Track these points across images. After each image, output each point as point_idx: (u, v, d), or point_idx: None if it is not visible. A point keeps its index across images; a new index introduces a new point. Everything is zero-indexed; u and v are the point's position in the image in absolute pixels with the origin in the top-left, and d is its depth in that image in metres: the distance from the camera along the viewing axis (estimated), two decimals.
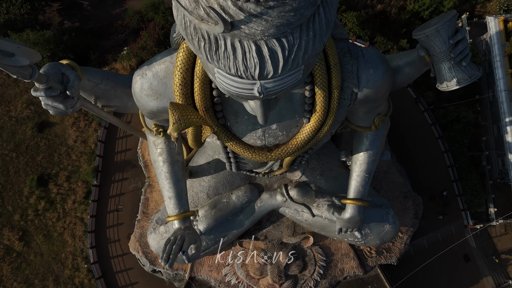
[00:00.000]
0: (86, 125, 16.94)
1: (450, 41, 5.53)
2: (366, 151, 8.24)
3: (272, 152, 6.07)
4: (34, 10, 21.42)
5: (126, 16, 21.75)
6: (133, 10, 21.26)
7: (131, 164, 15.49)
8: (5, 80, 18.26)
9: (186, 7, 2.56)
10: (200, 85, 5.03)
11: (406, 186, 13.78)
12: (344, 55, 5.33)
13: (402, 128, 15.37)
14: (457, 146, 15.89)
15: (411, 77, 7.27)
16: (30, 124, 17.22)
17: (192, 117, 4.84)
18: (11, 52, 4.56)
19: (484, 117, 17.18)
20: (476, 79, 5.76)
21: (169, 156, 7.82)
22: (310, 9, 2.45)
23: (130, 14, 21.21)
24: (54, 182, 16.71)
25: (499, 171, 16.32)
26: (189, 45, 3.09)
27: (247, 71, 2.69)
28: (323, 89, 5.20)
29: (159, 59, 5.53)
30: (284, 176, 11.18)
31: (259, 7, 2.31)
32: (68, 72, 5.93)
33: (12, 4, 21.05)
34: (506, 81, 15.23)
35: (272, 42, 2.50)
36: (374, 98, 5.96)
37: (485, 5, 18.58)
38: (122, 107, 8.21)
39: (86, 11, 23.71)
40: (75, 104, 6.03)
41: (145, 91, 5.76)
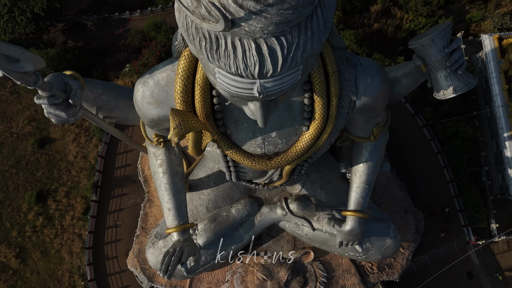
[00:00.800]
0: (87, 141, 17.02)
1: (446, 50, 5.65)
2: (366, 162, 8.27)
3: (271, 160, 6.09)
4: (38, 29, 21.91)
5: (129, 35, 22.23)
6: (135, 30, 21.75)
7: (130, 179, 15.45)
8: (7, 97, 18.48)
9: (188, 7, 2.64)
10: (200, 93, 5.10)
11: (407, 201, 13.71)
12: (342, 63, 5.43)
13: (401, 144, 15.43)
14: (456, 161, 15.91)
15: (408, 88, 7.38)
16: (31, 140, 17.30)
17: (192, 123, 4.89)
18: (16, 57, 4.66)
19: (483, 132, 17.29)
20: (472, 87, 5.86)
21: (169, 167, 7.85)
22: (308, 8, 2.52)
23: (132, 34, 21.69)
24: (53, 198, 16.63)
25: (500, 187, 16.27)
26: (190, 47, 3.17)
27: (247, 69, 2.73)
28: (322, 96, 5.27)
29: (160, 67, 5.63)
30: (284, 189, 11.16)
31: (258, 4, 2.38)
32: (71, 81, 6.04)
33: (18, 24, 21.54)
34: (503, 96, 15.42)
35: (272, 40, 2.56)
36: (372, 106, 6.02)
37: (480, 24, 19.03)
38: (123, 118, 8.30)
39: (89, 31, 24.24)
40: (77, 112, 6.11)
41: (146, 99, 5.83)
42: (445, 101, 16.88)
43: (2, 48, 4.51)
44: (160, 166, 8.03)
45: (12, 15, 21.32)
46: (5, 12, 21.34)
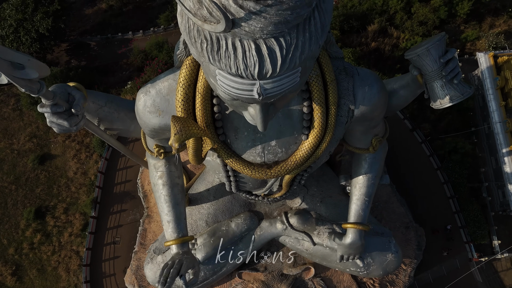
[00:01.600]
0: (87, 157, 17.07)
1: (441, 60, 5.77)
2: (365, 174, 8.28)
3: (271, 169, 6.11)
4: (43, 49, 22.36)
5: (131, 54, 22.66)
6: (138, 49, 22.18)
7: (130, 195, 15.40)
8: (10, 114, 18.66)
9: (190, 9, 2.75)
10: (201, 101, 5.18)
11: (407, 216, 13.63)
12: (340, 73, 5.54)
13: (400, 160, 15.47)
14: (456, 177, 15.90)
15: (406, 100, 7.50)
16: (32, 156, 17.36)
17: (193, 129, 4.95)
18: (22, 64, 4.76)
19: (481, 148, 17.36)
20: (468, 96, 5.95)
21: (169, 179, 7.86)
22: (305, 9, 2.63)
23: (135, 53, 22.11)
24: (52, 214, 16.52)
25: (500, 203, 16.19)
26: (192, 51, 3.27)
27: (247, 70, 2.80)
28: (320, 105, 5.34)
29: (162, 77, 5.74)
30: (284, 203, 11.12)
31: (258, 5, 2.49)
32: (74, 92, 6.15)
33: (22, 43, 22.01)
34: (500, 113, 15.58)
35: (271, 41, 2.66)
36: (370, 116, 6.09)
37: (475, 43, 19.44)
38: (124, 130, 8.38)
39: (93, 50, 24.72)
40: (79, 122, 6.19)
41: (148, 108, 5.90)
42: (443, 118, 17.05)
43: (8, 54, 4.59)
44: (160, 178, 8.04)
45: (17, 35, 21.82)
46: (11, 32, 21.85)
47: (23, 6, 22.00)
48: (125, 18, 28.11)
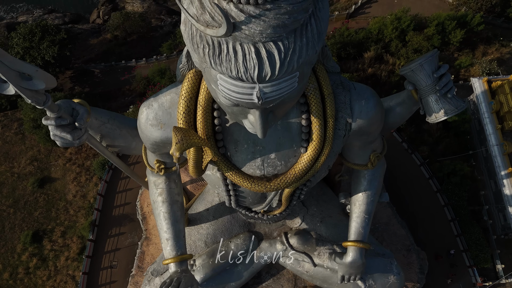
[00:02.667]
0: (87, 180, 17.08)
1: (434, 75, 5.97)
2: (365, 191, 8.31)
3: (271, 182, 6.16)
4: None
5: (134, 81, 23.20)
6: (140, 76, 22.74)
7: (129, 218, 15.28)
8: (12, 138, 18.85)
9: (194, 15, 2.94)
10: (202, 113, 5.32)
11: (409, 239, 13.47)
12: (337, 86, 5.71)
13: (400, 182, 15.48)
14: (456, 199, 15.85)
15: (402, 117, 7.66)
16: (32, 179, 17.38)
17: (194, 139, 5.05)
18: (30, 75, 4.92)
19: (480, 172, 17.41)
20: (462, 110, 6.09)
21: (169, 196, 7.89)
22: (302, 14, 2.82)
23: (137, 79, 22.65)
24: (49, 238, 16.31)
25: (502, 226, 16.04)
26: (194, 58, 3.45)
27: (247, 72, 2.94)
28: (318, 117, 5.46)
29: (165, 91, 5.91)
30: (283, 223, 11.04)
31: (257, 9, 2.68)
32: (78, 107, 6.33)
33: None
34: (497, 136, 15.77)
35: (270, 45, 2.83)
36: (367, 130, 6.21)
37: (469, 69, 19.97)
38: (126, 147, 8.50)
39: (96, 77, 25.33)
40: (82, 136, 6.32)
41: (150, 121, 6.03)
42: (441, 141, 17.22)
43: (17, 65, 4.67)
44: (160, 195, 8.06)
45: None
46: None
47: (31, 35, 22.76)
48: (129, 47, 29.02)
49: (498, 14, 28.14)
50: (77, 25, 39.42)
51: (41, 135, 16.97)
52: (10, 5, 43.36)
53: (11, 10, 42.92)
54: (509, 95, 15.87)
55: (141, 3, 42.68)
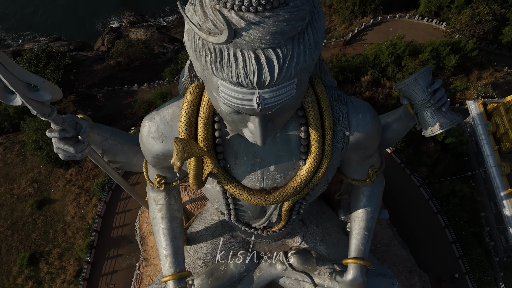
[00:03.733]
0: (87, 201, 17.03)
1: (429, 89, 6.18)
2: (364, 207, 8.32)
3: (270, 195, 6.21)
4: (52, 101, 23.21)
5: (136, 105, 23.59)
6: (142, 100, 23.14)
7: (127, 239, 15.12)
8: (13, 159, 18.95)
9: (197, 24, 3.14)
10: (203, 125, 5.46)
11: (410, 260, 13.28)
12: (334, 100, 5.89)
13: (400, 204, 15.43)
14: (457, 220, 15.74)
15: (399, 133, 7.82)
16: (31, 201, 17.33)
17: (194, 148, 5.17)
18: (37, 86, 5.09)
19: (479, 193, 17.39)
20: (456, 123, 6.23)
21: (168, 212, 7.90)
22: (299, 22, 3.02)
23: (139, 103, 23.04)
24: (46, 260, 16.06)
25: (504, 249, 15.85)
26: (196, 66, 3.64)
27: (247, 78, 3.10)
28: (317, 130, 5.59)
29: (167, 105, 6.09)
30: (283, 243, 10.94)
31: (257, 16, 2.89)
32: (82, 121, 6.50)
33: None
34: (495, 157, 15.89)
35: (269, 51, 3.01)
36: (365, 143, 6.32)
37: (464, 93, 20.37)
38: (127, 163, 8.59)
39: (99, 101, 25.77)
40: (85, 149, 6.44)
41: (152, 134, 6.15)
42: (439, 162, 17.32)
43: (25, 76, 4.78)
44: (160, 211, 8.07)
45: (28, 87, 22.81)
46: None
47: (36, 60, 23.36)
48: (132, 73, 29.68)
49: (490, 41, 29.04)
50: (81, 52, 40.48)
51: (42, 156, 17.10)
52: (17, 33, 44.68)
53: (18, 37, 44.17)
54: (505, 117, 16.13)
55: (145, 32, 44.02)
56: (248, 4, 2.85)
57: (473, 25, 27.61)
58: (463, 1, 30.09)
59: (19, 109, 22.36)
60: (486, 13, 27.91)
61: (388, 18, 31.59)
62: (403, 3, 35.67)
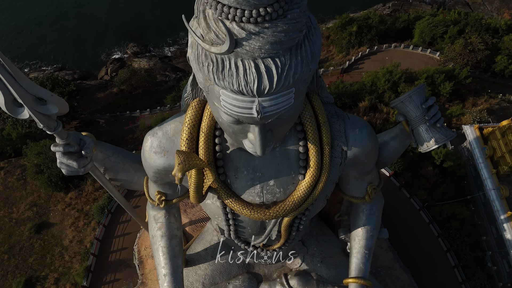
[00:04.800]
0: (85, 224, 16.93)
1: (423, 106, 6.43)
2: (364, 226, 8.33)
3: (270, 210, 6.28)
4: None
5: (137, 130, 23.94)
6: (144, 125, 23.51)
7: (125, 263, 14.90)
8: (14, 183, 18.99)
9: (200, 36, 3.40)
10: (204, 140, 5.64)
11: (412, 284, 13.04)
12: (332, 116, 6.10)
13: (400, 227, 15.30)
14: (458, 244, 15.57)
15: (396, 151, 7.98)
16: (29, 224, 17.23)
17: (195, 160, 5.32)
18: (45, 99, 5.26)
19: (480, 217, 17.32)
20: (451, 139, 6.41)
21: (168, 230, 7.92)
22: (296, 34, 3.27)
23: (141, 128, 23.39)
24: (42, 285, 15.75)
25: (507, 274, 15.59)
26: (199, 77, 3.87)
27: (247, 86, 3.31)
28: (315, 144, 5.75)
29: (169, 120, 6.29)
30: (283, 265, 10.81)
31: (257, 27, 3.14)
32: (85, 137, 6.69)
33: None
34: (493, 180, 15.96)
35: (268, 60, 3.25)
36: (362, 158, 6.45)
37: (460, 118, 20.73)
38: (128, 181, 8.70)
39: (101, 127, 26.12)
40: (87, 164, 6.58)
41: (154, 149, 6.31)
42: (438, 186, 17.36)
43: (34, 89, 4.94)
44: (159, 229, 8.08)
45: None
46: None
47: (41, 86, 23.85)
48: (134, 100, 30.25)
49: (484, 69, 29.86)
50: (85, 81, 41.38)
51: (43, 180, 17.18)
52: (24, 62, 45.87)
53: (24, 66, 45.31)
54: (501, 141, 16.36)
55: (148, 61, 45.21)
56: (248, 15, 3.10)
57: (466, 54, 28.51)
58: (455, 32, 31.23)
59: (22, 134, 22.62)
60: (479, 43, 28.90)
61: (384, 47, 32.65)
62: (398, 34, 36.96)
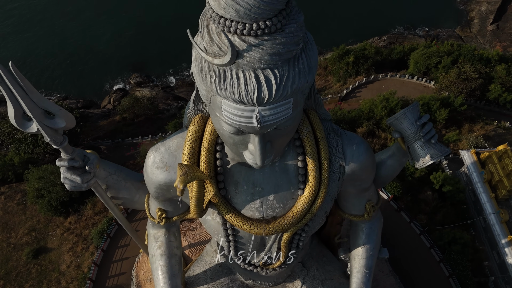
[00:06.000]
0: (83, 249, 16.75)
1: (417, 122, 6.70)
2: (364, 245, 8.34)
3: (270, 225, 6.37)
4: (56, 150, 23.89)
5: (138, 156, 24.14)
6: (145, 151, 23.73)
7: None
8: (13, 208, 18.98)
9: (203, 49, 3.70)
10: (206, 154, 5.84)
11: None
12: (329, 132, 6.32)
13: (401, 252, 15.15)
14: (460, 269, 15.35)
15: (394, 169, 8.15)
16: (27, 249, 17.06)
17: (197, 172, 5.50)
18: (53, 113, 5.47)
19: (481, 242, 17.18)
20: (446, 154, 6.64)
21: (168, 249, 7.95)
22: (294, 46, 3.57)
23: (142, 154, 23.59)
24: None
25: None
26: (202, 89, 4.14)
27: (247, 95, 3.55)
28: (313, 159, 5.93)
29: (172, 136, 6.51)
30: (283, 287, 10.66)
31: (257, 39, 3.44)
32: (89, 154, 6.89)
33: (38, 145, 23.69)
34: (492, 204, 16.00)
35: (267, 71, 3.52)
36: (360, 174, 6.60)
37: (457, 144, 21.01)
38: (129, 199, 8.79)
39: (102, 153, 26.36)
40: (90, 179, 6.74)
41: (156, 164, 6.47)
42: (438, 210, 17.35)
43: (44, 102, 5.14)
44: (159, 248, 8.11)
45: (35, 138, 23.66)
46: (29, 135, 23.74)
47: None
48: (136, 127, 30.72)
49: (479, 98, 30.55)
50: (88, 110, 42.14)
51: (43, 204, 17.20)
52: None
53: None
54: (498, 165, 16.55)
55: (150, 91, 46.24)
56: (249, 28, 3.40)
57: (460, 83, 29.29)
58: (449, 62, 32.23)
59: (24, 159, 22.82)
60: (472, 72, 29.77)
61: (380, 77, 33.58)
62: (393, 64, 38.11)
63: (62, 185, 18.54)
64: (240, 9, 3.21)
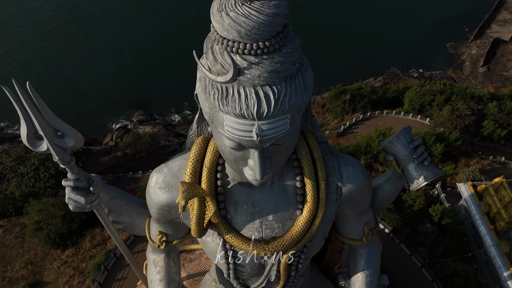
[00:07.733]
0: (80, 283, 16.43)
1: (410, 145, 7.05)
2: (363, 271, 8.34)
3: (269, 245, 6.52)
4: (57, 185, 24.06)
5: (139, 190, 24.22)
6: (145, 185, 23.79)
7: None
8: (11, 241, 18.82)
9: (207, 68, 4.15)
10: (207, 174, 6.13)
11: None
12: (326, 154, 6.61)
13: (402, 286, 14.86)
14: None
15: (390, 193, 8.35)
16: (23, 283, 16.72)
17: (198, 189, 5.77)
18: (64, 132, 5.75)
19: (483, 275, 16.90)
20: (439, 176, 6.87)
21: (167, 274, 7.98)
22: (290, 66, 4.01)
23: (142, 188, 23.68)
24: None
25: None
26: (205, 107, 4.54)
27: (248, 110, 3.92)
28: (311, 179, 6.19)
29: (175, 158, 6.82)
30: None
31: (257, 58, 3.88)
32: (93, 177, 7.16)
33: (40, 179, 23.88)
34: (492, 236, 15.94)
35: (266, 88, 3.94)
36: (357, 196, 6.80)
37: (454, 177, 21.23)
38: (130, 224, 8.91)
39: None
40: (94, 200, 6.95)
41: (159, 184, 6.70)
42: (439, 243, 17.22)
43: (55, 122, 5.43)
44: (158, 273, 8.12)
45: (37, 172, 23.90)
46: (32, 169, 24.02)
47: None
48: (137, 162, 31.02)
49: (473, 134, 31.17)
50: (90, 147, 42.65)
51: (41, 237, 17.08)
52: None
53: None
54: (495, 197, 16.68)
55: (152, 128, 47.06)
56: (250, 48, 3.89)
57: (454, 119, 30.05)
58: (442, 100, 33.25)
59: (25, 192, 22.90)
60: (465, 109, 30.64)
61: (376, 114, 34.48)
62: (389, 102, 39.24)
63: (62, 217, 18.53)
64: (241, 30, 3.63)
